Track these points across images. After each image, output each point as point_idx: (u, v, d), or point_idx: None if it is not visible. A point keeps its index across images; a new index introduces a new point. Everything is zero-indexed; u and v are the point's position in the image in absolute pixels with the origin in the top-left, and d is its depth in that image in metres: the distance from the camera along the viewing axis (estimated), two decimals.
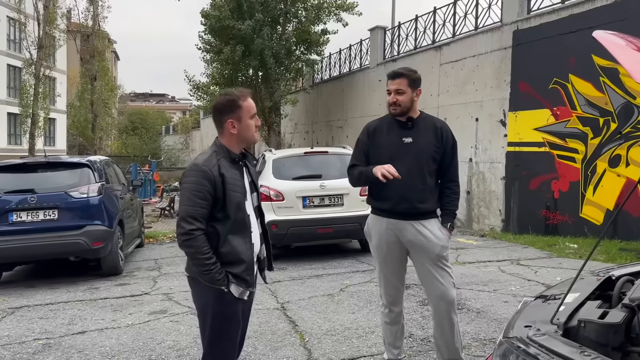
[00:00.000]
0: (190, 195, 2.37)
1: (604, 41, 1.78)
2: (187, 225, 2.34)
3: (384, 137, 3.21)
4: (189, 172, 2.44)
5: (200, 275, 2.40)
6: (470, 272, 6.25)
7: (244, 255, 2.45)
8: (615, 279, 2.36)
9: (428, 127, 3.22)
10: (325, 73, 19.07)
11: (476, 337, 4.10)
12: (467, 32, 11.66)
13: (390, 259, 3.23)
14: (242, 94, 2.51)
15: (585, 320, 1.84)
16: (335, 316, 4.77)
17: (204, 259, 2.35)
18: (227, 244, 2.42)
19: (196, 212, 2.35)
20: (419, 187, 3.13)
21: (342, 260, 7.17)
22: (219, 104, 2.51)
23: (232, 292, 2.42)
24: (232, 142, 2.51)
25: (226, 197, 2.40)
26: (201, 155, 2.51)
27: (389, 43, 15.01)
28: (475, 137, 11.05)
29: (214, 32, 16.36)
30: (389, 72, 3.26)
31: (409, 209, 3.12)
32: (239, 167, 2.53)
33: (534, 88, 9.62)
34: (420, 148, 3.14)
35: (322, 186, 7.18)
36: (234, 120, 2.47)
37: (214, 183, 2.38)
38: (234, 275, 2.42)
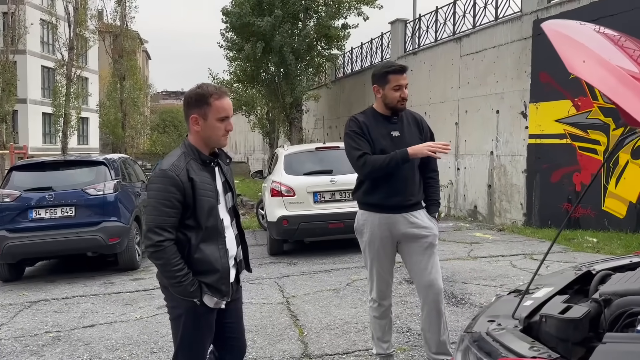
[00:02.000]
0: (157, 204, 2.22)
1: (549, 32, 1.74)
2: (155, 236, 2.19)
3: (374, 131, 3.17)
4: (155, 178, 2.27)
5: (171, 287, 2.28)
6: (480, 266, 6.16)
7: (217, 263, 2.31)
8: (596, 273, 2.30)
9: (410, 121, 3.26)
10: (347, 67, 19.00)
11: None
12: (487, 23, 11.43)
13: (383, 254, 3.22)
14: (217, 91, 2.31)
15: (546, 315, 1.80)
16: (337, 310, 4.78)
17: (174, 271, 2.22)
18: (200, 252, 2.28)
19: (164, 222, 2.20)
20: (410, 180, 3.15)
21: (353, 255, 7.16)
22: (186, 95, 2.34)
23: (206, 303, 2.30)
24: (198, 141, 2.34)
25: (197, 203, 2.25)
26: (168, 157, 2.33)
27: (409, 36, 14.85)
28: (497, 130, 10.84)
29: (235, 29, 16.47)
30: (394, 67, 3.16)
31: (401, 201, 3.14)
32: (210, 169, 2.36)
33: (555, 79, 9.36)
34: (408, 142, 3.13)
35: (332, 181, 7.18)
36: (198, 117, 2.28)
37: (183, 189, 2.22)
38: (207, 285, 2.28)
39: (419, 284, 3.20)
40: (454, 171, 12.23)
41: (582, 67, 1.55)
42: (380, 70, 3.17)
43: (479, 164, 11.38)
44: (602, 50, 1.67)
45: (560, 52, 1.64)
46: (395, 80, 3.10)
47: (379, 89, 3.16)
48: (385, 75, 3.13)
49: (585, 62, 1.55)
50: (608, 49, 1.72)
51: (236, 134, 37.29)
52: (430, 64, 13.21)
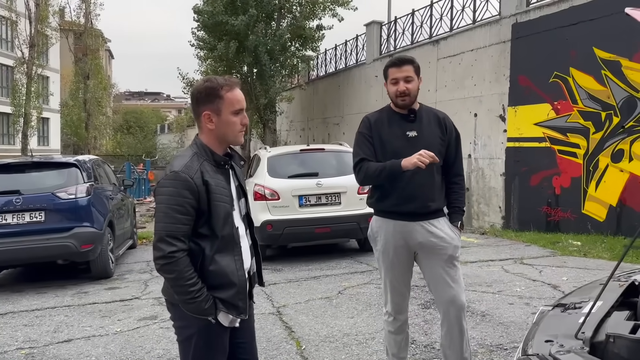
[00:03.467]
0: (169, 209, 1.98)
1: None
2: (167, 246, 1.96)
3: (386, 131, 2.95)
4: (166, 181, 2.02)
5: (183, 304, 2.03)
6: (472, 272, 6.05)
7: (233, 276, 2.07)
8: (639, 284, 2.16)
9: (431, 119, 2.99)
10: (321, 69, 18.85)
11: (482, 342, 3.90)
12: (464, 26, 11.46)
13: (398, 263, 2.98)
14: (227, 82, 2.08)
15: (614, 335, 1.64)
16: (333, 321, 4.56)
17: (188, 286, 1.98)
18: (215, 264, 2.04)
19: (177, 230, 1.97)
20: (427, 184, 2.90)
21: (340, 261, 6.96)
22: (196, 91, 2.10)
23: (221, 322, 2.06)
24: (212, 140, 2.11)
25: (212, 209, 2.02)
26: (179, 158, 2.09)
27: (385, 38, 14.80)
28: (474, 133, 10.85)
29: (207, 28, 16.11)
30: (392, 60, 2.99)
31: (418, 208, 2.89)
32: (224, 171, 2.14)
33: (534, 82, 9.42)
34: (426, 142, 2.88)
35: (318, 184, 6.97)
36: (211, 113, 2.06)
37: (197, 194, 1.99)
38: (222, 301, 2.05)
39: (439, 299, 2.98)
40: None
41: None
42: (384, 67, 3.03)
43: None
44: None
45: None
46: (392, 74, 2.93)
47: (385, 85, 3.01)
48: (386, 70, 2.99)
49: None
50: None
51: None
52: None
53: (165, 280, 2.07)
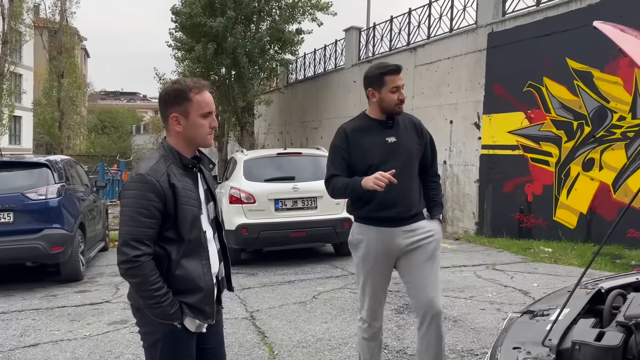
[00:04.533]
0: (133, 213, 1.94)
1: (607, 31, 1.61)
2: (132, 250, 1.91)
3: (365, 139, 2.92)
4: (131, 184, 1.98)
5: (148, 309, 1.98)
6: (445, 277, 6.10)
7: (200, 281, 2.03)
8: (605, 292, 2.20)
9: (407, 125, 2.99)
10: (300, 73, 18.86)
11: (453, 348, 3.93)
12: (442, 34, 11.61)
13: (377, 270, 2.95)
14: (196, 85, 2.05)
15: (580, 342, 1.67)
16: (307, 326, 4.55)
17: (153, 290, 1.93)
18: (181, 269, 2.00)
19: (142, 234, 1.93)
20: (407, 189, 2.90)
21: (315, 265, 6.95)
22: (164, 93, 2.07)
23: (187, 327, 2.03)
24: (180, 143, 2.07)
25: (178, 213, 1.98)
26: (145, 161, 2.05)
27: (364, 44, 14.89)
28: (450, 140, 10.98)
29: (185, 29, 15.99)
30: (390, 67, 2.90)
31: (400, 213, 2.89)
32: (192, 174, 2.10)
33: (508, 91, 9.58)
34: (405, 147, 2.91)
35: (295, 188, 6.95)
36: (179, 116, 2.02)
37: (163, 197, 1.95)
38: (188, 305, 2.01)
39: (417, 302, 2.96)
40: None
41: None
42: (374, 72, 2.90)
43: None
44: None
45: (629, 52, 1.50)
46: (392, 82, 2.84)
47: (375, 92, 2.88)
48: (381, 76, 2.86)
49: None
50: None
51: None
52: None
53: (130, 285, 2.02)
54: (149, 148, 42.33)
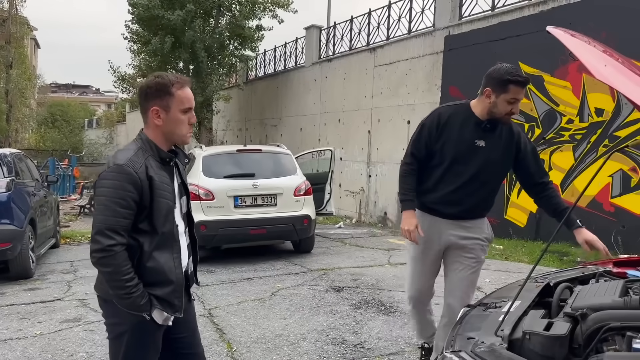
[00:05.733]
0: (110, 202, 1.95)
1: (559, 36, 1.71)
2: (106, 239, 1.92)
3: (456, 131, 2.89)
4: (108, 174, 1.99)
5: (118, 300, 1.99)
6: (402, 273, 6.22)
7: (171, 274, 2.06)
8: (554, 285, 2.32)
9: (504, 133, 2.91)
10: (260, 70, 18.75)
11: (409, 342, 4.03)
12: (400, 36, 11.80)
13: (424, 256, 3.06)
14: (178, 80, 2.08)
15: (530, 332, 1.76)
16: (265, 322, 4.56)
17: (124, 281, 1.95)
18: (152, 261, 2.02)
19: (117, 224, 1.94)
20: (475, 194, 2.93)
21: (274, 262, 6.95)
22: (145, 86, 2.09)
23: (155, 319, 2.04)
24: (158, 136, 2.09)
25: (154, 205, 2.01)
26: (123, 152, 2.06)
27: (324, 42, 14.95)
28: (407, 140, 11.13)
29: (142, 21, 15.60)
30: (521, 78, 2.74)
31: (459, 212, 2.96)
32: (169, 168, 2.12)
33: (464, 93, 9.83)
34: (488, 156, 2.88)
35: (254, 185, 6.93)
36: (160, 109, 2.05)
37: (140, 188, 1.97)
38: (157, 298, 2.03)
39: (445, 299, 3.08)
40: (365, 178, 12.45)
41: (605, 71, 1.50)
42: (502, 75, 2.75)
43: (390, 172, 11.67)
44: (608, 57, 1.65)
45: (580, 57, 1.59)
46: (515, 93, 2.74)
47: (492, 94, 2.78)
48: (507, 83, 2.73)
49: (607, 67, 1.52)
50: (610, 56, 1.72)
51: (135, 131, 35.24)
52: (345, 72, 13.37)
53: (101, 274, 2.02)
54: (102, 143, 41.10)
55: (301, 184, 7.26)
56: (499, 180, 3.03)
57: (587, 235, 2.77)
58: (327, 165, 8.90)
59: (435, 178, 2.96)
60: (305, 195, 7.25)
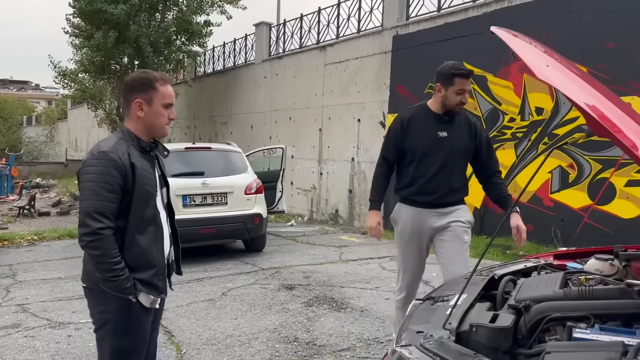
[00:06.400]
0: (97, 187, 2.04)
1: (503, 36, 1.76)
2: (95, 222, 2.01)
3: (418, 129, 3.21)
4: (93, 160, 2.09)
5: (105, 283, 2.07)
6: (353, 270, 6.30)
7: (153, 257, 2.17)
8: (498, 278, 2.40)
9: (462, 123, 3.22)
10: (209, 66, 18.44)
11: (360, 337, 4.08)
12: (350, 35, 11.89)
13: (411, 246, 3.29)
14: (162, 77, 2.25)
15: (476, 324, 1.81)
16: (216, 323, 4.49)
17: (112, 263, 2.04)
18: (135, 246, 2.11)
19: (105, 208, 2.04)
20: (446, 180, 3.19)
21: (225, 262, 6.86)
22: (130, 79, 2.24)
23: (142, 302, 2.13)
24: (139, 128, 2.22)
25: (136, 191, 2.11)
26: (105, 141, 2.17)
27: (274, 40, 14.87)
28: (358, 138, 11.30)
29: (84, 15, 14.99)
30: (464, 71, 3.10)
31: (435, 199, 3.20)
32: (150, 157, 2.25)
33: (411, 92, 10.04)
34: (453, 144, 3.18)
35: (204, 184, 6.81)
36: (143, 102, 2.19)
37: (125, 173, 2.08)
38: (142, 281, 2.12)
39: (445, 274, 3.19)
40: (317, 176, 12.49)
41: (547, 71, 1.55)
42: (447, 71, 3.11)
43: (341, 170, 11.76)
44: (549, 57, 1.71)
45: (523, 57, 1.63)
46: (461, 84, 3.08)
47: (442, 88, 3.12)
48: (452, 77, 3.08)
49: (549, 67, 1.57)
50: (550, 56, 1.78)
51: (77, 129, 34.04)
52: (295, 69, 13.36)
53: (90, 258, 2.10)
54: (41, 141, 39.35)
55: (252, 182, 7.20)
56: (464, 166, 3.29)
57: (519, 223, 3.05)
58: (279, 163, 8.86)
59: (411, 173, 3.24)
60: (257, 193, 7.19)
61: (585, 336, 1.60)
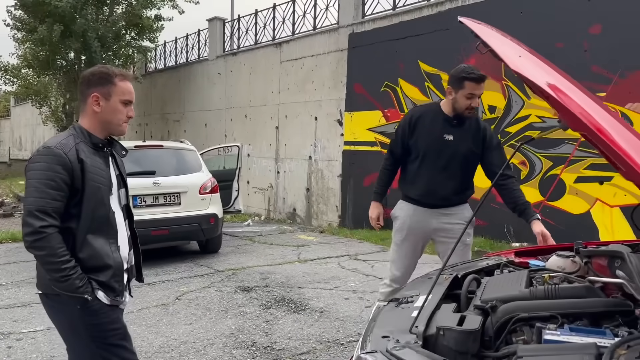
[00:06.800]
0: (39, 184, 1.94)
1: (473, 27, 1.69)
2: (37, 221, 1.90)
3: (426, 128, 3.22)
4: (37, 157, 2.00)
5: (56, 284, 1.96)
6: (312, 269, 6.20)
7: (108, 258, 2.06)
8: (461, 277, 2.35)
9: (471, 127, 3.21)
10: (160, 62, 17.92)
11: (320, 339, 3.98)
12: (306, 32, 11.79)
13: (407, 243, 3.34)
14: (122, 73, 2.15)
15: (443, 327, 1.74)
16: (169, 329, 4.28)
17: (60, 263, 1.92)
18: (87, 246, 2.01)
19: (48, 205, 1.92)
20: (447, 184, 3.20)
21: (178, 265, 6.62)
22: (88, 73, 2.14)
23: (101, 299, 2.03)
24: (94, 124, 2.11)
25: (85, 189, 2.00)
26: (54, 137, 2.08)
27: (228, 36, 14.59)
28: (315, 136, 11.22)
29: (27, 7, 14.26)
30: (475, 75, 3.04)
31: (436, 201, 3.22)
32: (103, 154, 2.13)
33: (368, 90, 10.04)
34: (455, 149, 3.18)
35: (155, 184, 6.54)
36: (100, 96, 2.08)
37: (71, 170, 1.97)
38: (98, 282, 2.02)
39: None
40: (274, 174, 12.34)
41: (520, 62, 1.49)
42: (458, 73, 3.08)
43: (298, 168, 11.65)
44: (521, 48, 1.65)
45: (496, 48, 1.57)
46: (471, 88, 3.04)
47: (452, 91, 3.11)
48: (463, 80, 3.04)
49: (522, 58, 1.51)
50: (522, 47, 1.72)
51: (21, 127, 32.51)
52: (251, 66, 13.14)
53: (36, 258, 1.98)
54: None
55: (207, 182, 6.99)
56: (469, 171, 3.29)
57: (543, 229, 2.96)
58: (235, 162, 8.66)
59: (413, 171, 3.29)
60: (212, 193, 6.99)
61: (555, 338, 1.56)
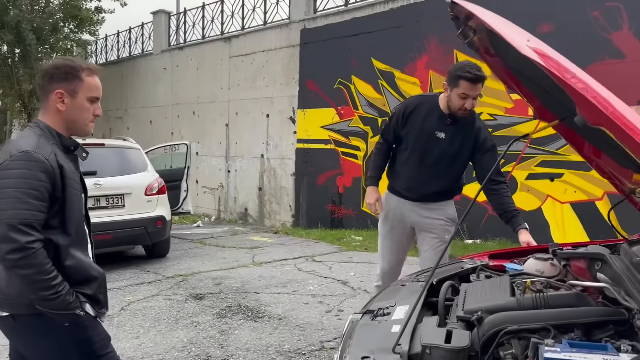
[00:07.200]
0: (20, 194, 1.69)
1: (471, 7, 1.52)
2: (23, 236, 1.67)
3: (420, 121, 3.11)
4: (14, 162, 1.74)
5: (44, 303, 1.75)
6: (268, 273, 5.95)
7: (92, 270, 1.91)
8: (437, 283, 2.20)
9: (466, 127, 3.07)
10: (101, 56, 17.09)
11: (280, 349, 3.76)
12: (256, 26, 11.49)
13: (391, 235, 3.31)
14: (89, 66, 1.94)
15: (430, 345, 1.57)
16: (114, 344, 3.89)
17: (49, 280, 1.73)
18: (72, 259, 1.83)
19: (33, 218, 1.71)
20: (431, 181, 3.16)
21: (123, 271, 6.19)
22: (52, 67, 1.90)
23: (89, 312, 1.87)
24: (58, 123, 1.89)
25: (66, 197, 1.81)
26: (23, 139, 1.82)
27: (174, 29, 14.05)
28: (267, 133, 10.95)
29: None
30: (471, 75, 2.85)
31: (418, 196, 3.20)
32: (72, 157, 1.94)
33: (321, 87, 9.87)
34: (446, 147, 3.09)
35: (97, 185, 6.09)
36: (65, 93, 1.86)
37: (53, 177, 1.77)
38: (85, 295, 1.87)
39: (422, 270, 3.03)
40: (224, 174, 11.97)
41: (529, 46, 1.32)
42: (455, 71, 2.92)
43: (249, 167, 11.35)
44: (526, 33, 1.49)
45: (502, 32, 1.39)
46: (465, 88, 2.88)
47: (447, 88, 2.98)
48: (458, 78, 2.89)
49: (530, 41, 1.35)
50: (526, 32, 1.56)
51: None
52: (198, 61, 12.70)
53: (20, 278, 1.73)
54: None
55: (153, 182, 6.60)
56: (457, 171, 3.19)
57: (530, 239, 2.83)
58: (183, 161, 8.26)
59: (401, 162, 3.24)
60: (159, 194, 6.60)
61: (556, 356, 1.41)
